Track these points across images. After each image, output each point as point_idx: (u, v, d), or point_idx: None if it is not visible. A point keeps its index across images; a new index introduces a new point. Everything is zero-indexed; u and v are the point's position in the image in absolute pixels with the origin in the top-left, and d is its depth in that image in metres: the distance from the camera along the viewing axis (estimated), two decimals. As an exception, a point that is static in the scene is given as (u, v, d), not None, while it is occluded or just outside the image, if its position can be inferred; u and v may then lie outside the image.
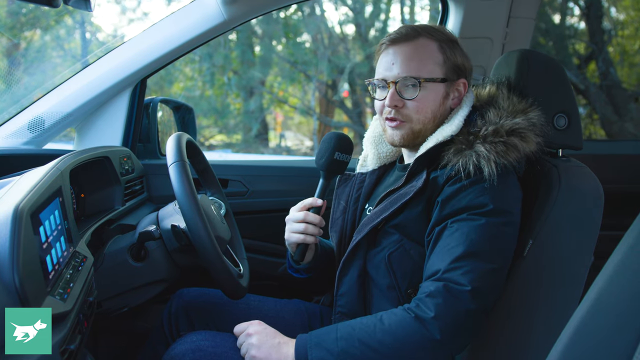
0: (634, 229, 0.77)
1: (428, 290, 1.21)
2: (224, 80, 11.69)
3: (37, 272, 0.99)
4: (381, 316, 1.23)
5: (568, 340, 0.77)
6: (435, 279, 1.22)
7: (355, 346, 1.20)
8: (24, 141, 1.99)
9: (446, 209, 1.29)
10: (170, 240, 1.57)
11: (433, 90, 1.41)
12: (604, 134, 9.75)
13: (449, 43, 1.43)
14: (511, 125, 1.32)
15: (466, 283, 1.19)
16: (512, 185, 1.32)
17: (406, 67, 1.40)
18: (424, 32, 1.42)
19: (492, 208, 1.25)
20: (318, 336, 1.25)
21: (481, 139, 1.31)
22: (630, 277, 0.73)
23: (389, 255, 1.37)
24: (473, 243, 1.22)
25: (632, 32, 10.42)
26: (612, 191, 1.65)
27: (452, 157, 1.32)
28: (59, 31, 10.38)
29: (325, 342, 1.22)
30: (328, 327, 1.27)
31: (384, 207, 1.40)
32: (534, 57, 1.50)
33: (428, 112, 1.41)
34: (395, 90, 1.40)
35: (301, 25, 11.59)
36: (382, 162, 1.63)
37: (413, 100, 1.40)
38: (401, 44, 1.42)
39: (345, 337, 1.21)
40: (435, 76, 1.40)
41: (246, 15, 2.05)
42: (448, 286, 1.19)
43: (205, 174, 1.86)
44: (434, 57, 1.41)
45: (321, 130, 12.45)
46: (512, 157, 1.28)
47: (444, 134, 1.37)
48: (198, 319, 1.66)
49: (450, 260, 1.22)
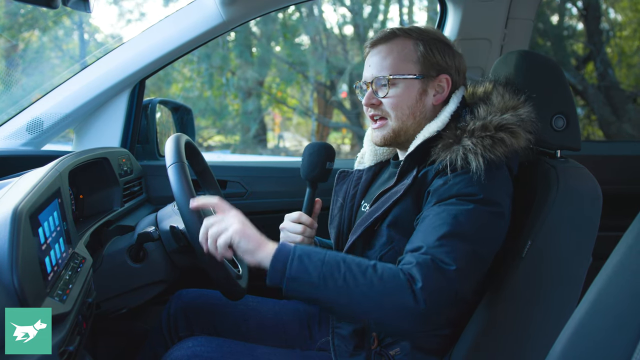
0: (633, 229, 0.77)
1: (415, 260, 1.17)
2: (222, 81, 11.69)
3: (36, 273, 0.99)
4: (375, 263, 1.18)
5: (567, 341, 0.78)
6: (421, 253, 1.19)
7: (336, 278, 1.14)
8: (23, 142, 1.99)
9: (435, 196, 1.28)
10: (169, 241, 1.57)
11: (407, 86, 1.42)
12: (602, 134, 9.76)
13: (428, 41, 1.44)
14: (499, 120, 1.32)
15: (451, 262, 1.17)
16: (502, 179, 1.32)
17: (379, 66, 1.44)
18: (401, 32, 1.45)
19: (481, 197, 1.25)
20: (303, 251, 1.18)
21: (468, 133, 1.31)
22: (629, 278, 0.73)
23: (380, 257, 1.36)
24: (459, 224, 1.21)
25: (630, 33, 10.44)
26: (611, 192, 1.65)
27: (440, 152, 1.32)
28: (57, 32, 10.38)
29: (309, 260, 1.16)
30: (316, 248, 1.21)
31: (377, 207, 1.40)
32: (532, 58, 1.50)
33: (404, 107, 1.43)
34: (372, 90, 1.44)
35: (300, 26, 11.60)
36: (378, 159, 1.64)
37: (386, 98, 1.42)
38: (379, 45, 1.46)
39: (331, 264, 1.15)
40: (407, 73, 1.42)
41: (245, 17, 2.06)
42: (435, 262, 1.16)
43: (204, 175, 1.86)
44: (407, 55, 1.43)
45: (319, 131, 12.45)
46: (499, 152, 1.28)
47: (430, 130, 1.38)
48: (197, 321, 1.66)
49: (435, 237, 1.19)
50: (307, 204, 1.53)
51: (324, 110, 12.43)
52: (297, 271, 1.15)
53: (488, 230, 1.26)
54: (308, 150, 1.54)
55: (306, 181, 1.54)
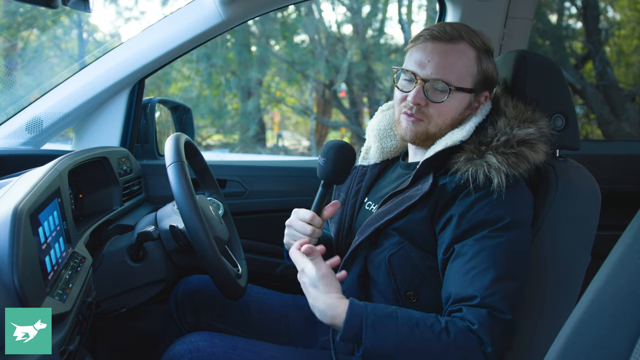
0: (631, 228, 0.77)
1: (476, 320, 1.17)
2: (222, 81, 11.68)
3: (36, 272, 0.99)
4: (446, 324, 1.17)
5: (566, 340, 0.78)
6: (476, 305, 1.19)
7: (412, 346, 1.14)
8: (22, 142, 1.99)
9: (463, 224, 1.26)
10: (168, 240, 1.57)
11: (460, 99, 1.37)
12: (600, 133, 9.77)
13: (486, 53, 1.40)
14: (523, 136, 1.30)
15: (507, 310, 1.18)
16: (523, 194, 1.32)
17: (441, 69, 1.35)
18: (466, 37, 1.37)
19: (509, 221, 1.24)
20: (376, 315, 1.16)
21: (493, 150, 1.29)
22: (627, 277, 0.74)
23: (389, 256, 1.35)
24: (501, 264, 1.21)
25: (628, 32, 10.45)
26: (609, 191, 1.66)
27: (462, 165, 1.30)
28: (56, 31, 10.37)
29: (383, 328, 1.15)
30: (385, 309, 1.19)
31: (388, 209, 1.37)
32: (531, 58, 1.50)
33: (448, 118, 1.38)
34: (422, 89, 1.36)
35: (299, 25, 11.59)
36: (384, 156, 1.60)
37: (438, 104, 1.36)
38: (441, 42, 1.36)
39: (405, 332, 1.15)
40: (466, 86, 1.36)
41: (244, 16, 2.05)
42: (492, 314, 1.17)
43: (204, 174, 1.86)
44: (469, 66, 1.37)
45: (318, 130, 12.45)
46: (522, 169, 1.28)
47: (454, 139, 1.34)
48: (202, 307, 1.67)
49: (484, 284, 1.19)
50: (317, 203, 1.41)
51: (322, 109, 12.43)
52: (372, 342, 1.14)
53: (522, 256, 1.27)
54: (335, 153, 1.39)
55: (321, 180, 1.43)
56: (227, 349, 1.39)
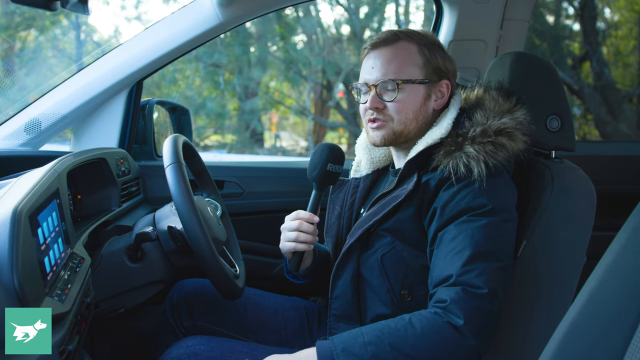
0: (626, 229, 0.78)
1: (448, 296, 1.19)
2: (220, 81, 11.67)
3: (35, 273, 1.00)
4: (410, 319, 1.19)
5: (561, 340, 0.79)
6: (451, 284, 1.20)
7: (386, 351, 1.15)
8: (21, 143, 1.99)
9: (445, 213, 1.29)
10: (167, 241, 1.57)
11: (413, 91, 1.42)
12: (597, 134, 9.79)
13: (429, 45, 1.45)
14: (499, 125, 1.33)
15: (482, 285, 1.19)
16: (505, 183, 1.34)
17: (385, 70, 1.43)
18: (403, 36, 1.45)
19: (491, 207, 1.26)
20: (343, 342, 1.19)
21: (469, 140, 1.32)
22: (622, 277, 0.74)
23: (381, 257, 1.38)
24: (479, 244, 1.22)
25: (626, 32, 10.47)
26: (605, 192, 1.67)
27: (442, 159, 1.33)
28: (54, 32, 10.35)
29: (353, 348, 1.17)
30: (350, 332, 1.22)
31: (376, 211, 1.40)
32: (527, 60, 1.51)
33: (409, 112, 1.43)
34: (376, 93, 1.43)
35: (296, 26, 11.59)
36: (375, 166, 1.64)
37: (392, 102, 1.42)
38: (381, 47, 1.45)
39: (374, 342, 1.16)
40: (414, 78, 1.42)
41: (242, 18, 2.06)
42: (467, 290, 1.18)
43: (202, 175, 1.86)
44: (413, 59, 1.43)
45: (316, 131, 12.45)
46: (501, 157, 1.30)
47: (434, 137, 1.38)
48: (199, 311, 1.67)
49: (460, 263, 1.21)
50: (311, 205, 1.53)
51: (320, 109, 12.43)
52: None
53: (504, 239, 1.28)
54: (314, 150, 1.56)
55: (312, 183, 1.55)
56: (224, 352, 1.40)
